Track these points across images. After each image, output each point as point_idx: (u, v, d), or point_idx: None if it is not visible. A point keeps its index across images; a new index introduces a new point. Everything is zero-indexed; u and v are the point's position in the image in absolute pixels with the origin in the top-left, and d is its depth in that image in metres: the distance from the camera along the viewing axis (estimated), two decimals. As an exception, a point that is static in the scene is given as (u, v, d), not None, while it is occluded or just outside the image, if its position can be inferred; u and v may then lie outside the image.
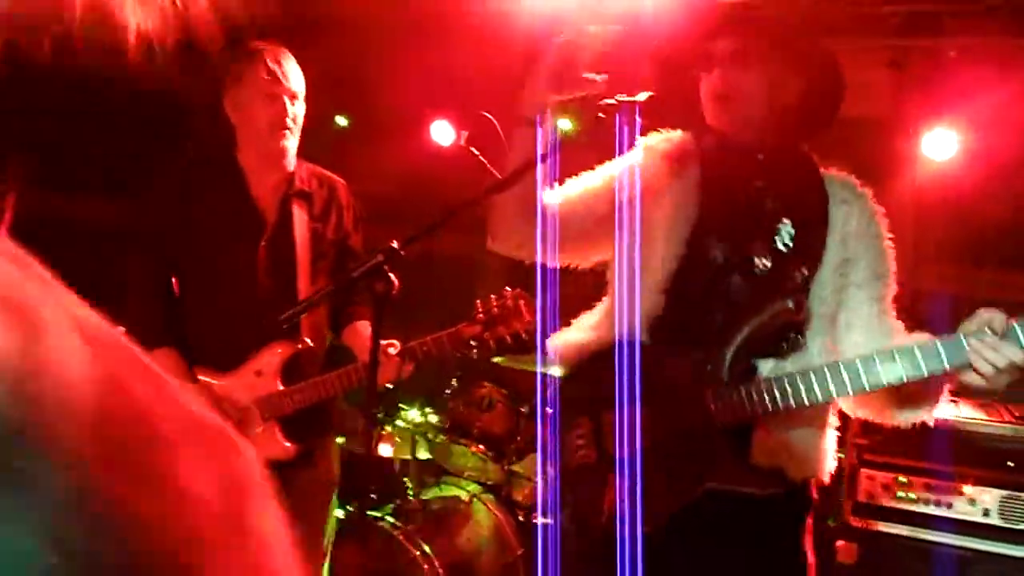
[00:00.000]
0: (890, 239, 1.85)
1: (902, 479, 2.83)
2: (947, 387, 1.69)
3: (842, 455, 2.90)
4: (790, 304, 1.71)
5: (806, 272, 1.77)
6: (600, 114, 1.71)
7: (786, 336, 1.75)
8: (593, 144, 1.83)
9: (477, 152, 3.10)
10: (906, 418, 1.79)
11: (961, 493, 2.76)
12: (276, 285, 2.44)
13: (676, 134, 1.98)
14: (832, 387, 1.61)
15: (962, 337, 1.52)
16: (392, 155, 5.02)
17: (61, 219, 4.78)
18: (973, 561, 2.73)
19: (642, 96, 1.74)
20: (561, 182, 1.95)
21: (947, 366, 1.53)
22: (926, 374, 1.55)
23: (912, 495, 2.82)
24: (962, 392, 3.05)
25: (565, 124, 1.84)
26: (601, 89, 1.69)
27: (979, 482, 2.77)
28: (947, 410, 2.96)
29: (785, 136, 1.86)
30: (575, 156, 1.87)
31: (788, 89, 1.80)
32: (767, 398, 1.67)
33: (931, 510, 2.80)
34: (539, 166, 1.78)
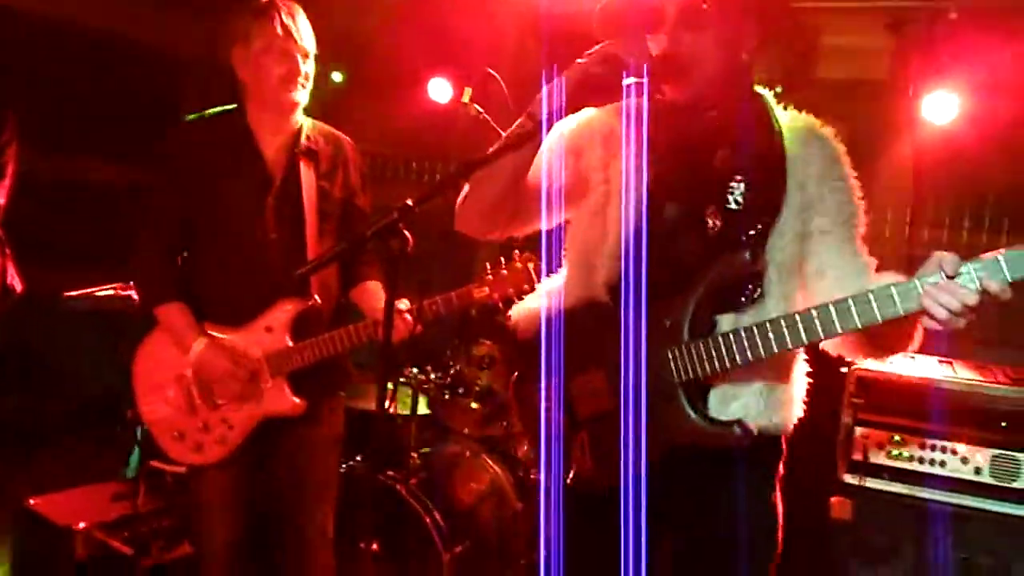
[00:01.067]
0: (855, 177, 1.81)
1: (897, 438, 2.89)
2: (919, 327, 1.64)
3: (839, 414, 2.99)
4: (747, 256, 1.70)
5: (761, 227, 1.75)
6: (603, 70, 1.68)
7: (744, 289, 1.75)
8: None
9: (481, 109, 3.09)
10: (881, 357, 1.81)
11: (954, 451, 2.82)
12: (284, 241, 2.45)
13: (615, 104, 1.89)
14: (788, 339, 1.61)
15: (916, 281, 1.50)
16: (388, 112, 4.98)
17: (67, 179, 4.75)
18: (965, 518, 2.80)
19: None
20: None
21: (901, 311, 1.51)
22: (880, 320, 1.53)
23: (906, 453, 2.88)
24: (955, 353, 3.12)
25: None
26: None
27: (972, 441, 2.83)
28: (943, 371, 3.01)
29: (744, 88, 1.83)
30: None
31: (742, 44, 1.78)
32: (726, 354, 1.67)
33: (925, 468, 2.86)
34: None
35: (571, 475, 1.88)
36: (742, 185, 1.78)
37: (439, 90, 4.77)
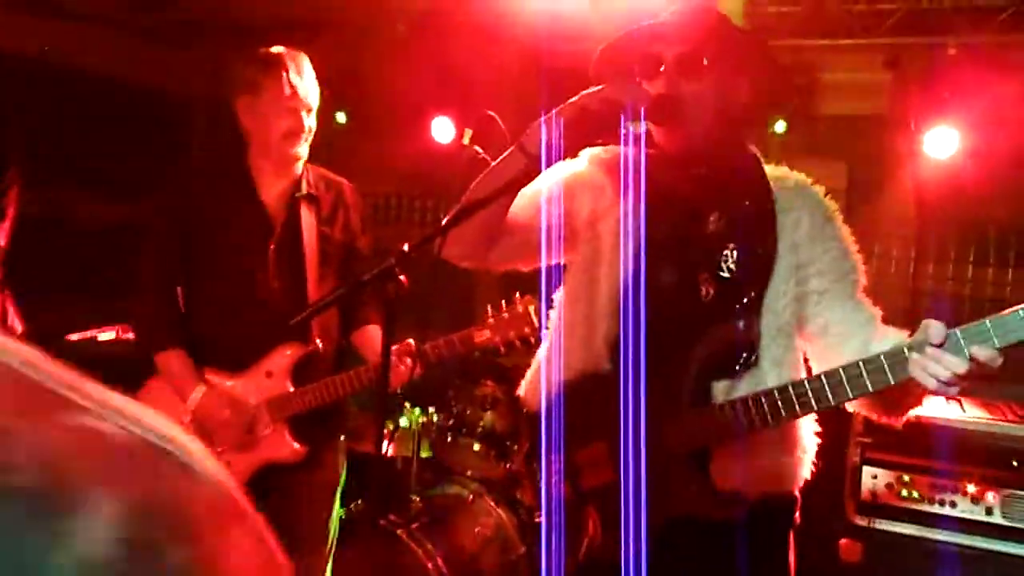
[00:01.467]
0: (849, 233, 1.79)
1: (906, 478, 2.84)
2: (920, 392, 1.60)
3: (846, 453, 2.94)
4: (740, 325, 1.68)
5: (754, 293, 1.73)
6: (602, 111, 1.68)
7: (738, 357, 1.73)
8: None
9: (481, 151, 3.10)
10: (893, 417, 1.76)
11: (965, 492, 2.77)
12: (285, 287, 2.45)
13: (618, 148, 1.88)
14: (783, 411, 1.59)
15: (904, 351, 1.48)
16: (392, 152, 5.02)
17: (69, 220, 4.78)
18: (977, 560, 2.74)
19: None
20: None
21: (892, 381, 1.49)
22: (872, 391, 1.52)
23: (916, 493, 2.83)
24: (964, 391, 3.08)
25: None
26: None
27: (983, 481, 2.78)
28: (951, 409, 2.97)
29: (731, 138, 1.81)
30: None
31: (736, 92, 1.77)
32: (724, 425, 1.65)
33: (935, 509, 2.81)
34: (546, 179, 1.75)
35: (583, 549, 1.84)
36: (735, 252, 1.76)
37: (442, 130, 4.81)
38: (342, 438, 2.69)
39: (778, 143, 4.32)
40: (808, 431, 1.83)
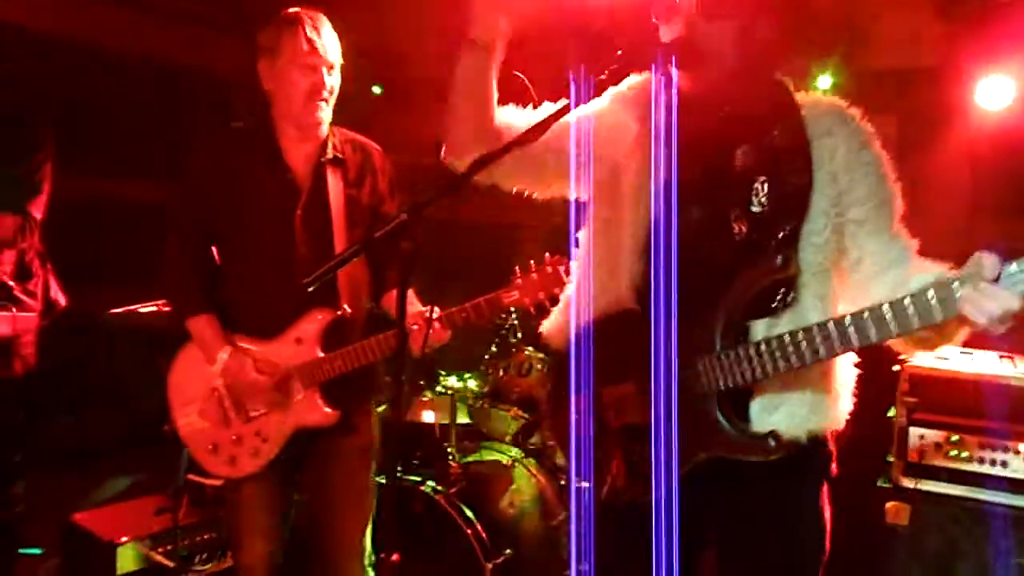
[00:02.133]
0: (888, 158, 1.72)
1: (954, 438, 2.74)
2: (963, 327, 1.54)
3: (892, 413, 2.85)
4: (778, 261, 1.62)
5: (790, 228, 1.67)
6: (625, 63, 1.65)
7: (776, 295, 1.67)
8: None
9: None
10: (927, 349, 1.70)
11: (1017, 451, 2.66)
12: (313, 252, 2.44)
13: (641, 78, 1.85)
14: (822, 348, 1.54)
15: (955, 285, 1.41)
16: (427, 123, 4.98)
17: (110, 200, 4.88)
18: (1029, 521, 2.64)
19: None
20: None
21: (939, 318, 1.43)
22: (916, 328, 1.45)
23: (965, 454, 2.72)
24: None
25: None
26: None
27: (1035, 440, 2.66)
28: (1002, 366, 2.85)
29: (756, 72, 1.74)
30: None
31: (757, 31, 1.69)
32: (759, 363, 1.60)
33: (985, 469, 2.69)
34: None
35: (606, 488, 1.81)
36: (766, 186, 1.70)
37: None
38: (374, 403, 2.70)
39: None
40: (847, 366, 1.77)
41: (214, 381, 2.49)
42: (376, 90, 5.22)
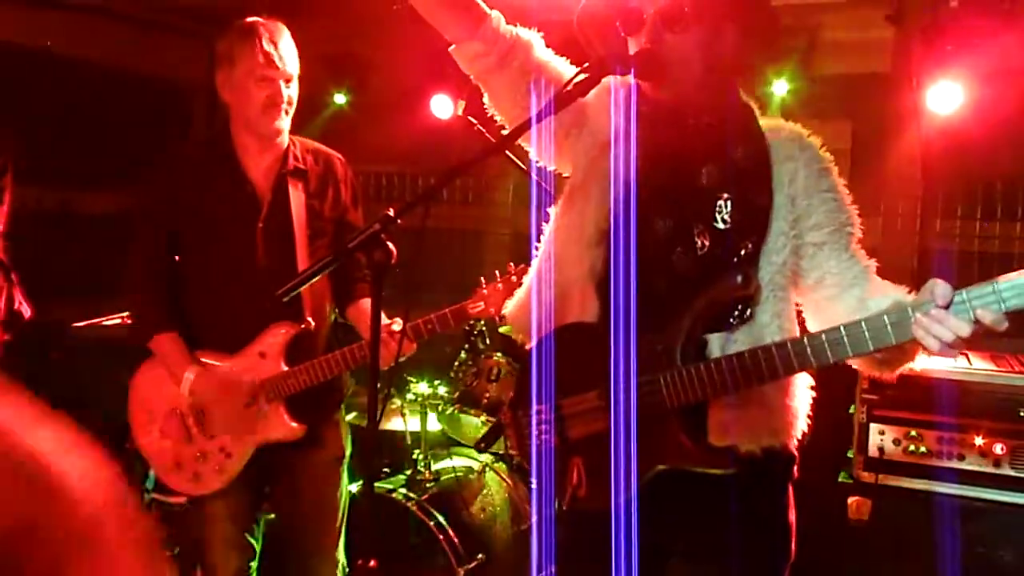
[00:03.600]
0: (844, 185, 1.77)
1: (913, 433, 2.83)
2: (917, 352, 1.61)
3: (852, 410, 2.93)
4: (738, 279, 1.66)
5: (751, 247, 1.71)
6: (590, 73, 1.67)
7: (735, 310, 1.71)
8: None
9: (475, 121, 3.08)
10: (884, 373, 1.74)
11: (972, 444, 2.76)
12: (275, 265, 2.43)
13: (621, 81, 1.83)
14: (780, 368, 1.57)
15: (908, 311, 1.46)
16: (393, 131, 5.00)
17: (72, 211, 4.80)
18: (987, 512, 2.73)
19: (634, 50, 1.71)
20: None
21: (894, 342, 1.47)
22: (872, 350, 1.50)
23: (923, 449, 2.82)
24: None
25: None
26: None
27: (990, 434, 2.76)
28: (957, 363, 2.95)
29: (722, 88, 1.79)
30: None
31: (724, 47, 1.74)
32: (719, 380, 1.63)
33: (943, 463, 2.79)
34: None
35: (567, 497, 1.83)
36: (729, 203, 1.74)
37: (441, 106, 4.78)
38: (350, 417, 2.70)
39: (779, 104, 4.28)
40: (803, 384, 1.82)
41: (178, 398, 2.47)
42: (342, 99, 5.21)
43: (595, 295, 1.80)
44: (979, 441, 2.75)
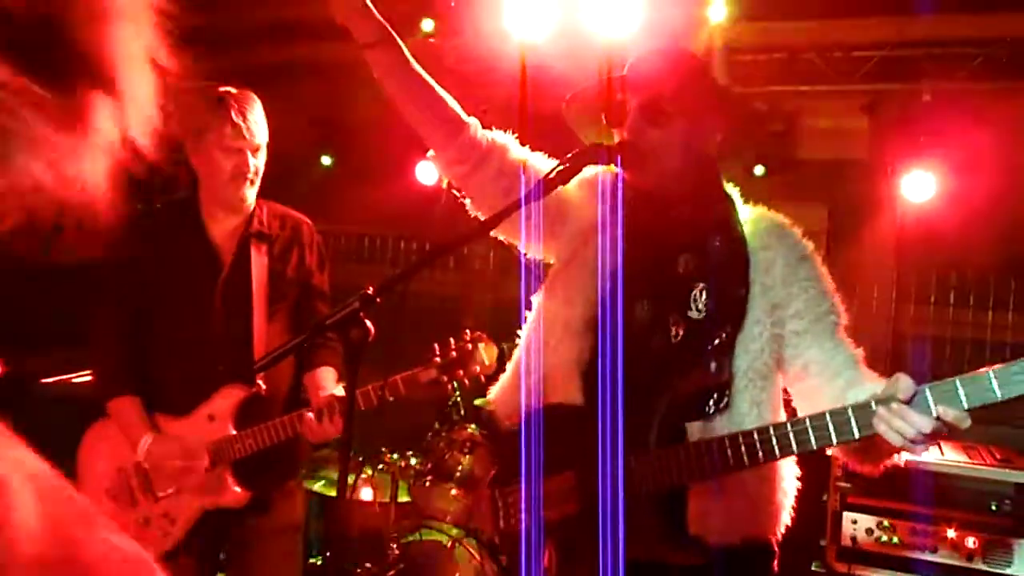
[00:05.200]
0: (826, 273, 1.78)
1: (886, 523, 2.81)
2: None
3: (826, 498, 2.92)
4: (711, 368, 1.67)
5: (726, 335, 1.72)
6: (575, 161, 1.70)
7: (709, 399, 1.71)
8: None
9: (458, 193, 3.11)
10: (863, 468, 1.72)
11: (945, 537, 2.74)
12: (231, 327, 2.40)
13: (607, 171, 1.90)
14: (745, 457, 1.57)
15: (872, 405, 1.46)
16: (377, 195, 5.04)
17: (41, 264, 4.75)
18: (958, 606, 2.71)
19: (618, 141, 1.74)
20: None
21: (857, 435, 1.47)
22: (836, 444, 1.50)
23: (896, 539, 2.80)
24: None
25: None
26: None
27: (963, 526, 2.75)
28: (930, 453, 2.95)
29: (703, 179, 1.82)
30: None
31: (705, 139, 1.79)
32: (694, 465, 1.62)
33: (916, 555, 2.78)
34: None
35: None
36: (704, 293, 1.75)
37: (426, 172, 4.83)
38: (316, 486, 2.64)
39: (759, 187, 4.36)
40: (789, 474, 1.81)
41: (124, 461, 2.41)
42: (326, 161, 5.25)
43: (579, 381, 1.80)
44: (951, 534, 2.74)
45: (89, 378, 3.46)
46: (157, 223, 2.51)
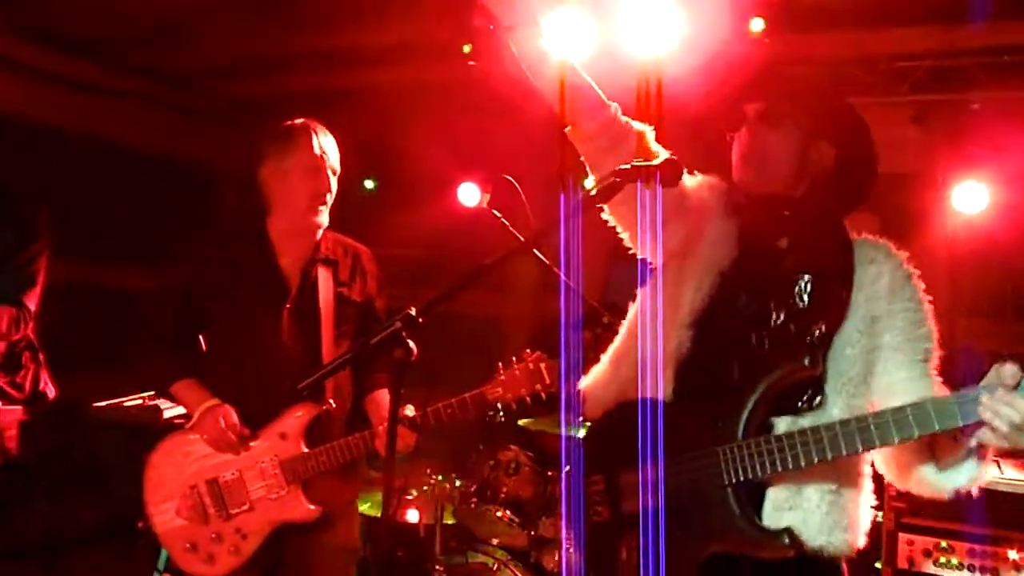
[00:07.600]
0: (925, 299, 1.78)
1: (943, 544, 2.72)
2: (981, 450, 1.59)
3: (880, 518, 2.84)
4: (806, 361, 1.68)
5: (824, 329, 1.72)
6: (616, 178, 1.70)
7: (802, 393, 1.71)
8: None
9: (499, 214, 3.12)
10: (939, 486, 1.70)
11: (1006, 558, 2.65)
12: (300, 348, 2.48)
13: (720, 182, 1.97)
14: (843, 445, 1.56)
15: (978, 391, 1.45)
16: (420, 218, 5.09)
17: (97, 287, 4.89)
18: (1022, 631, 2.61)
19: (659, 159, 1.73)
20: (584, 241, 1.92)
21: (960, 422, 1.47)
22: (938, 429, 1.49)
23: (954, 561, 2.71)
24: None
25: (588, 182, 1.86)
26: None
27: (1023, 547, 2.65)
28: (989, 471, 2.85)
29: (818, 200, 1.83)
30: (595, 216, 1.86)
31: (819, 152, 1.81)
32: (778, 455, 1.62)
33: (975, 577, 2.68)
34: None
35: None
36: (809, 285, 1.77)
37: (467, 194, 4.87)
38: (363, 507, 2.67)
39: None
40: (867, 489, 1.79)
41: (195, 478, 2.48)
42: (369, 184, 5.32)
43: (672, 374, 1.82)
44: (1013, 555, 2.64)
45: (140, 402, 3.55)
46: (221, 242, 2.63)
